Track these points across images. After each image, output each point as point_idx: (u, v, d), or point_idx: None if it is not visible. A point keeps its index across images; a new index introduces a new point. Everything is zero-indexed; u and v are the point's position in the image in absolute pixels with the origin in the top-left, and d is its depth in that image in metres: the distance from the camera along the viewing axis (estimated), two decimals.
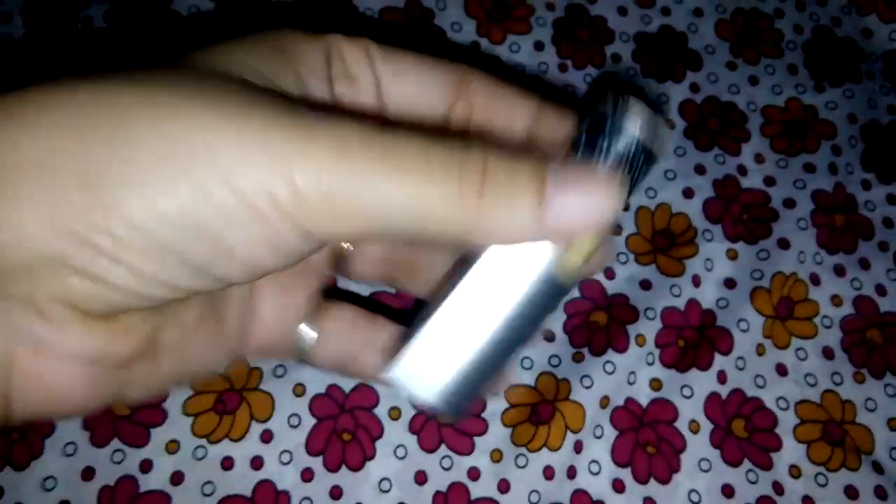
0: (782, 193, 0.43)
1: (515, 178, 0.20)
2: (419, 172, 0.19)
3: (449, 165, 0.19)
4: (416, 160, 0.19)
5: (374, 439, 0.36)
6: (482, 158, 0.19)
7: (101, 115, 0.18)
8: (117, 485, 0.34)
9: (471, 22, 0.45)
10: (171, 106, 0.18)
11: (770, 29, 0.47)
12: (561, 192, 0.19)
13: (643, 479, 0.37)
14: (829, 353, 0.40)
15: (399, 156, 0.19)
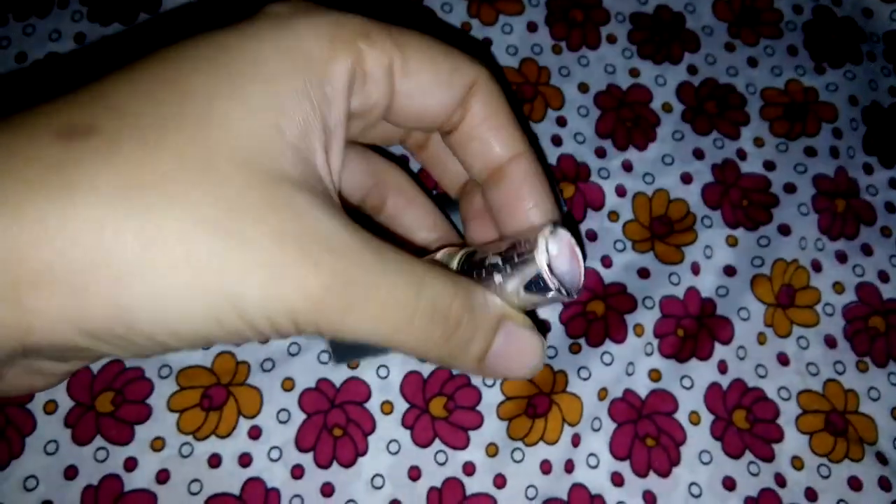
0: (783, 178, 0.42)
1: (471, 345, 0.24)
2: (403, 326, 0.22)
3: (430, 324, 0.22)
4: (402, 314, 0.22)
5: (367, 434, 0.35)
6: (457, 320, 0.23)
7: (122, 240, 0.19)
8: (101, 484, 0.33)
9: (461, 2, 0.44)
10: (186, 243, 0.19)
11: (769, 9, 0.46)
12: (497, 359, 0.25)
13: (642, 472, 0.36)
14: (831, 342, 0.39)
15: (389, 306, 0.21)
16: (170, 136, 0.19)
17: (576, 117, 0.42)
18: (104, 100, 0.20)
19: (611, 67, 0.43)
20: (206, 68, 0.21)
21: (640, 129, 0.42)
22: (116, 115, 0.19)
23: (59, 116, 0.19)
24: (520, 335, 0.25)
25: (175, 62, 0.21)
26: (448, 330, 0.23)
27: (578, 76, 0.43)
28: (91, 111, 0.19)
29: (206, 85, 0.20)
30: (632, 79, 0.43)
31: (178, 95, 0.20)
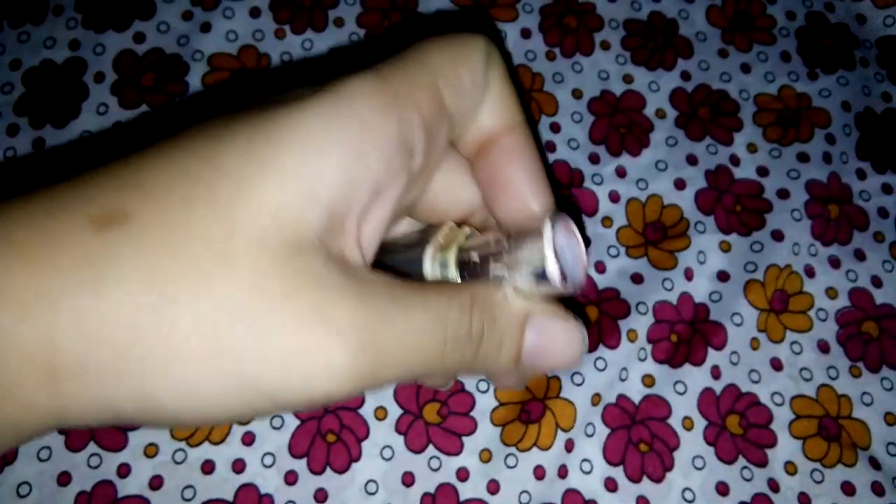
0: (776, 184, 0.42)
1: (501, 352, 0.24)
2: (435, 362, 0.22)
3: (458, 350, 0.23)
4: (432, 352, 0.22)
5: (360, 440, 0.35)
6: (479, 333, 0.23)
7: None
8: (94, 490, 0.33)
9: (456, 10, 0.44)
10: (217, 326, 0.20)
11: (762, 15, 0.46)
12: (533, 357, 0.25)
13: (636, 477, 0.36)
14: (824, 347, 0.39)
15: (420, 351, 0.22)
16: (198, 219, 0.20)
17: (569, 123, 0.42)
18: (139, 180, 0.20)
19: (604, 73, 0.44)
20: (245, 142, 0.21)
21: (634, 135, 0.42)
22: (149, 198, 0.20)
23: (95, 200, 0.20)
24: (549, 326, 0.25)
25: (214, 137, 0.21)
26: (474, 347, 0.23)
27: (572, 82, 0.43)
28: (126, 194, 0.20)
29: (241, 158, 0.20)
30: (625, 85, 0.43)
31: (211, 173, 0.20)
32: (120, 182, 0.21)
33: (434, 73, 0.23)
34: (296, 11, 0.43)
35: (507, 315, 0.24)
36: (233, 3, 0.42)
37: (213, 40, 0.41)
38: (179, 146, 0.21)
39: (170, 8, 0.42)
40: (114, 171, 0.21)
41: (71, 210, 0.20)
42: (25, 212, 0.20)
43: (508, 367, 0.25)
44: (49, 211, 0.20)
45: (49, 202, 0.20)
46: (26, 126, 0.39)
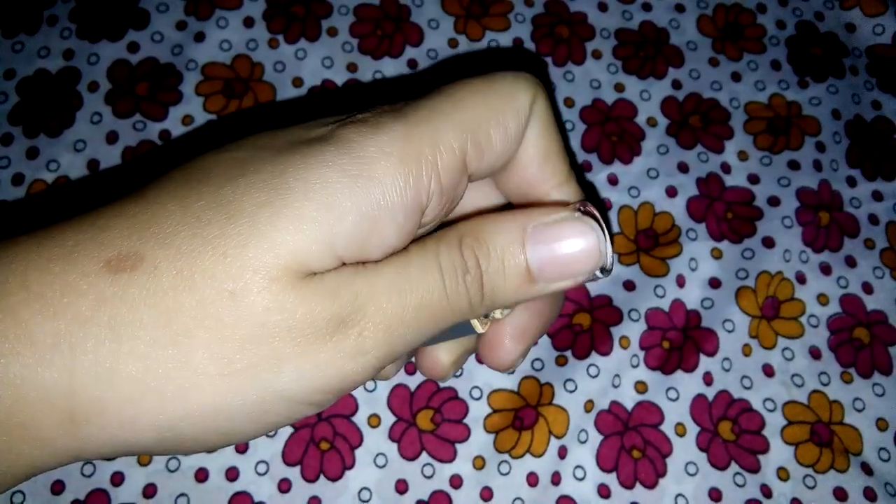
0: (767, 191, 0.42)
1: (506, 269, 0.23)
2: (439, 303, 0.23)
3: (460, 284, 0.23)
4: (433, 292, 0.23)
5: (354, 448, 0.35)
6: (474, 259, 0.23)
7: None
8: (88, 499, 0.33)
9: (448, 18, 0.44)
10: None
11: (752, 24, 0.47)
12: (546, 266, 0.23)
13: (629, 484, 0.36)
14: (815, 353, 0.39)
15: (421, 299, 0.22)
16: (206, 261, 0.20)
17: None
18: (152, 224, 0.21)
19: (596, 82, 0.44)
20: (262, 188, 0.21)
21: (626, 143, 0.43)
22: (162, 243, 0.21)
23: (110, 243, 0.21)
24: (552, 235, 0.23)
25: (228, 185, 0.21)
26: (476, 278, 0.23)
27: (564, 91, 0.43)
28: (139, 237, 0.21)
29: (256, 205, 0.21)
30: (617, 94, 0.44)
31: (225, 217, 0.21)
32: (133, 224, 0.21)
33: (464, 127, 0.23)
34: (289, 21, 0.43)
35: (501, 237, 0.23)
36: (226, 13, 0.42)
37: (207, 50, 0.42)
38: (192, 189, 0.22)
39: (164, 18, 0.42)
40: (127, 210, 0.22)
41: (85, 254, 0.20)
42: (40, 255, 0.20)
43: (525, 290, 0.24)
44: (63, 255, 0.20)
45: (63, 246, 0.21)
46: (20, 135, 0.39)
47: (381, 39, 0.43)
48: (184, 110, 0.40)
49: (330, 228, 0.21)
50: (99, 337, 0.20)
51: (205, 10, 0.42)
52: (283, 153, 0.22)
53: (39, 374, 0.19)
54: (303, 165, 0.21)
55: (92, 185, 0.38)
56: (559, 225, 0.23)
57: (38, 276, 0.20)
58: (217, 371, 0.20)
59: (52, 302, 0.20)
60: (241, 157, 0.22)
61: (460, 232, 0.23)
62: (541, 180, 0.25)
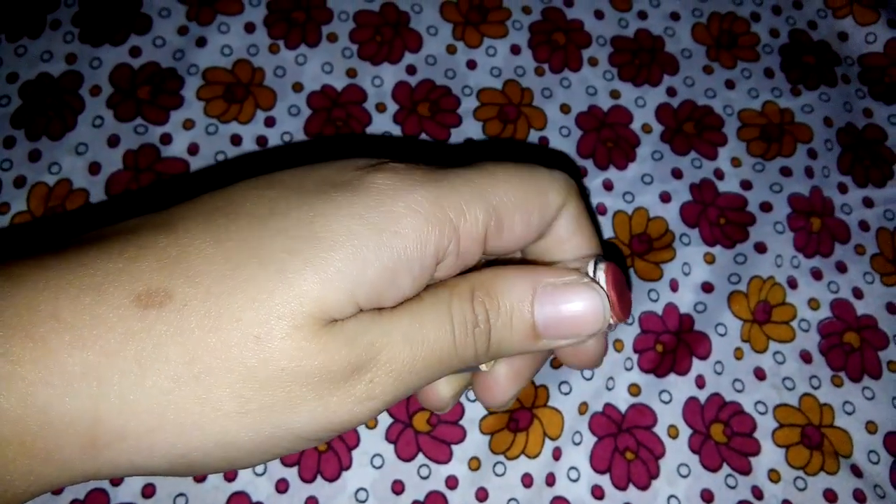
0: (759, 197, 0.43)
1: (512, 323, 0.25)
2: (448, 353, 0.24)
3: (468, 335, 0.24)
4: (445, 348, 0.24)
5: (351, 449, 0.36)
6: (484, 312, 0.24)
7: None
8: (87, 498, 0.34)
9: (447, 25, 0.45)
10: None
11: (746, 33, 0.47)
12: (550, 325, 0.25)
13: (622, 485, 0.37)
14: (806, 357, 0.40)
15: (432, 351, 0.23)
16: (234, 304, 0.21)
17: (558, 137, 0.43)
18: (184, 262, 0.22)
19: (592, 89, 0.44)
20: (293, 235, 0.22)
21: (621, 149, 0.43)
22: (191, 282, 0.21)
23: (140, 277, 0.21)
24: (559, 296, 0.25)
25: (261, 228, 0.22)
26: (484, 331, 0.24)
27: (560, 97, 0.44)
28: (170, 274, 0.21)
29: (286, 252, 0.22)
30: (612, 100, 0.44)
31: (256, 261, 0.22)
32: (163, 258, 0.22)
33: (492, 205, 0.24)
34: (290, 27, 0.43)
35: (512, 294, 0.24)
36: (228, 19, 0.43)
37: (208, 55, 0.42)
38: (226, 229, 0.22)
39: (165, 23, 0.43)
40: (157, 242, 0.22)
41: (116, 288, 0.21)
42: (71, 284, 0.21)
43: (529, 345, 0.25)
44: (94, 286, 0.21)
45: (93, 276, 0.21)
46: (22, 138, 0.39)
47: (381, 45, 0.44)
48: (185, 114, 0.41)
49: (353, 279, 0.22)
50: (125, 370, 0.20)
51: (206, 15, 0.43)
52: (312, 197, 0.23)
53: (67, 403, 0.20)
54: (333, 216, 0.22)
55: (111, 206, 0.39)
56: (567, 288, 0.25)
57: (69, 306, 0.21)
58: (235, 409, 0.21)
59: (82, 334, 0.20)
60: (271, 197, 0.23)
61: (472, 285, 0.24)
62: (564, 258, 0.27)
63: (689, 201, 0.42)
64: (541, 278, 0.25)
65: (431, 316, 0.23)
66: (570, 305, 0.25)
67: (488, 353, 0.25)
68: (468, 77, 0.44)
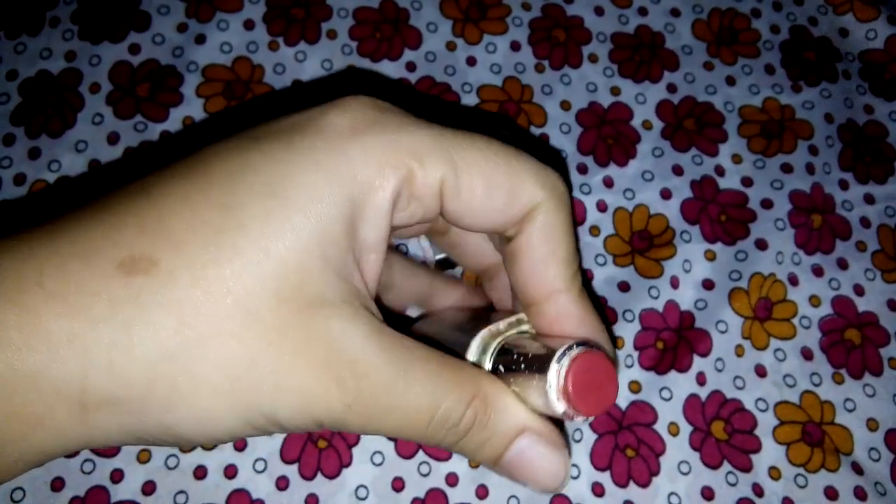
0: (760, 194, 0.43)
1: (483, 448, 0.25)
2: (416, 434, 0.23)
3: (443, 431, 0.24)
4: (417, 426, 0.23)
5: (351, 446, 0.36)
6: (467, 427, 0.24)
7: None
8: (88, 495, 0.34)
9: (447, 22, 0.45)
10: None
11: (747, 29, 0.47)
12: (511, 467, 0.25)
13: (622, 482, 0.36)
14: (807, 354, 0.40)
15: (406, 420, 0.23)
16: (222, 274, 0.21)
17: (558, 134, 0.43)
18: (164, 228, 0.21)
19: (592, 86, 0.44)
20: (262, 193, 0.22)
21: (621, 145, 0.43)
22: (174, 247, 0.21)
23: (122, 245, 0.21)
24: (536, 451, 0.25)
25: (231, 185, 0.22)
26: (458, 435, 0.24)
27: (560, 94, 0.44)
28: (151, 240, 0.21)
29: (260, 216, 0.22)
30: (613, 97, 0.44)
31: (235, 227, 0.21)
32: (144, 226, 0.22)
33: (449, 161, 0.24)
34: (289, 24, 0.43)
35: (503, 422, 0.25)
36: (227, 16, 0.43)
37: (208, 52, 0.42)
38: (198, 190, 0.22)
39: (165, 20, 0.42)
40: (136, 211, 0.22)
41: (99, 255, 0.21)
42: (56, 255, 0.21)
43: (487, 464, 0.26)
44: (78, 255, 0.21)
45: (77, 245, 0.21)
46: (22, 136, 0.39)
47: (380, 42, 0.44)
48: (184, 112, 0.41)
49: (321, 240, 0.22)
50: (112, 339, 0.20)
51: (205, 12, 0.43)
52: (278, 147, 0.23)
53: (54, 369, 0.20)
54: (295, 166, 0.22)
55: (94, 181, 0.39)
56: (545, 446, 0.25)
57: (54, 274, 0.20)
58: (225, 387, 0.21)
59: (68, 301, 0.20)
60: (241, 149, 0.23)
61: (478, 388, 0.24)
62: (543, 280, 0.26)
63: (690, 198, 0.42)
64: (533, 425, 0.25)
65: (427, 384, 0.23)
66: (537, 460, 0.25)
67: (450, 447, 0.25)
68: (468, 74, 0.44)
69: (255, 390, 0.21)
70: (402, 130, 0.23)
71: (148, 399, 0.21)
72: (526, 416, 0.25)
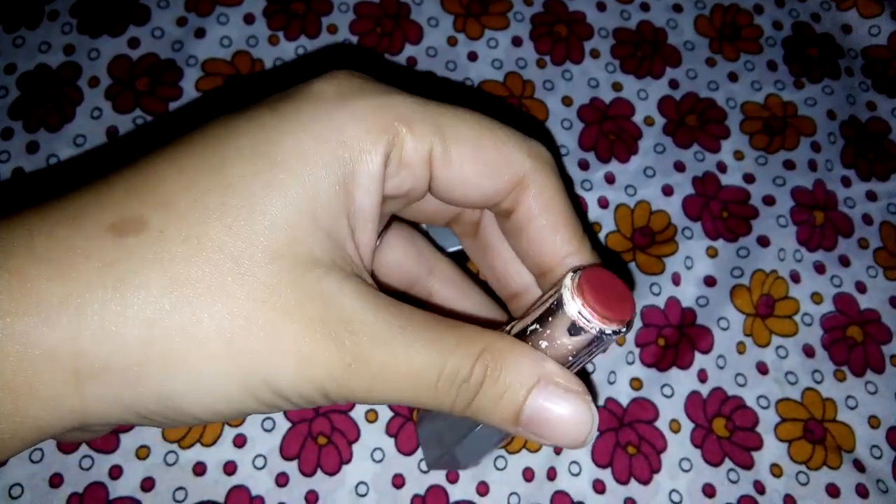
0: (762, 190, 0.43)
1: (498, 405, 0.23)
2: (425, 393, 0.22)
3: (453, 389, 0.23)
4: (424, 384, 0.22)
5: (351, 443, 0.36)
6: (478, 382, 0.23)
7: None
8: (86, 492, 0.34)
9: (448, 17, 0.44)
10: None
11: (749, 25, 0.47)
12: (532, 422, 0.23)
13: (624, 479, 0.36)
14: (809, 351, 0.40)
15: (411, 378, 0.22)
16: (212, 231, 0.21)
17: (559, 130, 0.43)
18: (153, 189, 0.21)
19: (594, 81, 0.44)
20: (249, 155, 0.22)
21: (623, 141, 0.43)
22: (164, 208, 0.21)
23: (112, 208, 0.21)
24: (556, 401, 0.23)
25: (220, 148, 0.22)
26: (469, 394, 0.23)
27: (562, 90, 0.44)
28: (141, 202, 0.21)
29: (247, 175, 0.21)
30: (614, 93, 0.44)
31: (222, 186, 0.21)
32: (134, 190, 0.21)
33: (437, 129, 0.23)
34: (290, 18, 0.43)
35: (517, 373, 0.23)
36: (227, 10, 0.43)
37: (207, 46, 0.42)
38: (186, 154, 0.22)
39: (164, 14, 0.42)
40: (126, 178, 0.22)
41: (89, 218, 0.21)
42: (45, 222, 0.21)
43: (505, 425, 0.24)
44: (68, 220, 0.21)
45: (66, 211, 0.21)
46: (20, 129, 0.39)
47: (381, 37, 0.43)
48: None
49: (311, 200, 0.22)
50: (104, 299, 0.20)
51: (205, 6, 0.43)
52: (264, 113, 0.23)
53: (45, 333, 0.19)
54: (282, 130, 0.22)
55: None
56: (567, 394, 0.23)
57: (44, 240, 0.20)
58: (221, 351, 0.21)
59: (59, 264, 0.20)
60: (227, 119, 0.23)
61: (486, 343, 0.23)
62: (552, 247, 0.26)
63: (692, 194, 0.42)
64: (550, 373, 0.23)
65: (428, 342, 0.22)
66: (560, 410, 0.23)
67: (464, 412, 0.24)
68: (469, 69, 0.43)
69: (252, 352, 0.21)
70: (389, 97, 0.23)
71: (143, 365, 0.20)
72: (542, 363, 0.23)
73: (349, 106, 0.23)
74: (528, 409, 0.23)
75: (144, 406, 0.21)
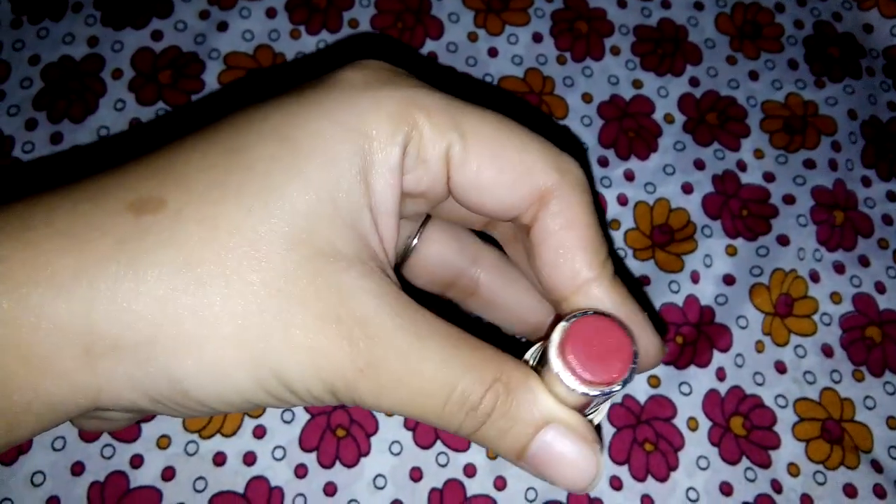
0: (782, 189, 0.43)
1: (505, 438, 0.23)
2: (432, 412, 0.22)
3: (460, 414, 0.22)
4: (433, 402, 0.22)
5: (369, 435, 0.36)
6: (486, 413, 0.22)
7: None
8: (107, 480, 0.34)
9: (469, 13, 0.44)
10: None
11: (770, 23, 0.47)
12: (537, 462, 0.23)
13: (641, 476, 0.36)
14: (828, 351, 0.40)
15: (421, 394, 0.22)
16: (230, 213, 0.21)
17: (579, 127, 0.43)
18: (174, 171, 0.21)
19: (614, 78, 0.44)
20: (271, 140, 0.22)
21: (642, 139, 0.43)
22: (183, 189, 0.21)
23: (132, 187, 0.21)
24: (563, 445, 0.23)
25: (243, 132, 0.22)
26: (477, 421, 0.22)
27: (582, 86, 0.44)
28: (161, 182, 0.21)
29: (269, 159, 0.21)
30: (634, 90, 0.44)
31: (242, 168, 0.21)
32: (155, 171, 0.21)
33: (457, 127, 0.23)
34: (311, 12, 0.43)
35: (527, 411, 0.23)
36: (249, 3, 0.43)
37: (230, 39, 0.42)
38: (208, 139, 0.22)
39: (187, 7, 0.42)
40: (149, 160, 0.22)
41: (109, 197, 0.21)
42: (66, 199, 0.21)
43: (510, 457, 0.24)
44: (87, 197, 0.21)
45: (87, 191, 0.21)
46: (44, 121, 0.39)
47: (402, 32, 0.43)
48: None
49: (331, 188, 0.21)
50: (118, 274, 0.20)
51: (227, 0, 0.43)
52: (289, 100, 0.23)
53: (58, 306, 0.19)
54: (305, 116, 0.22)
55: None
56: (575, 440, 0.23)
57: (64, 216, 0.20)
58: (232, 333, 0.20)
59: (76, 239, 0.20)
60: (251, 108, 0.23)
61: (501, 370, 0.22)
62: (569, 270, 0.24)
63: (712, 193, 0.42)
64: (560, 416, 0.23)
65: (443, 359, 0.22)
66: (566, 453, 0.23)
67: (469, 437, 0.23)
68: (489, 65, 0.43)
69: (263, 340, 0.20)
70: (414, 89, 0.23)
71: (154, 344, 0.20)
72: (553, 407, 0.23)
73: (374, 95, 0.23)
74: (533, 449, 0.23)
75: (156, 389, 0.21)
